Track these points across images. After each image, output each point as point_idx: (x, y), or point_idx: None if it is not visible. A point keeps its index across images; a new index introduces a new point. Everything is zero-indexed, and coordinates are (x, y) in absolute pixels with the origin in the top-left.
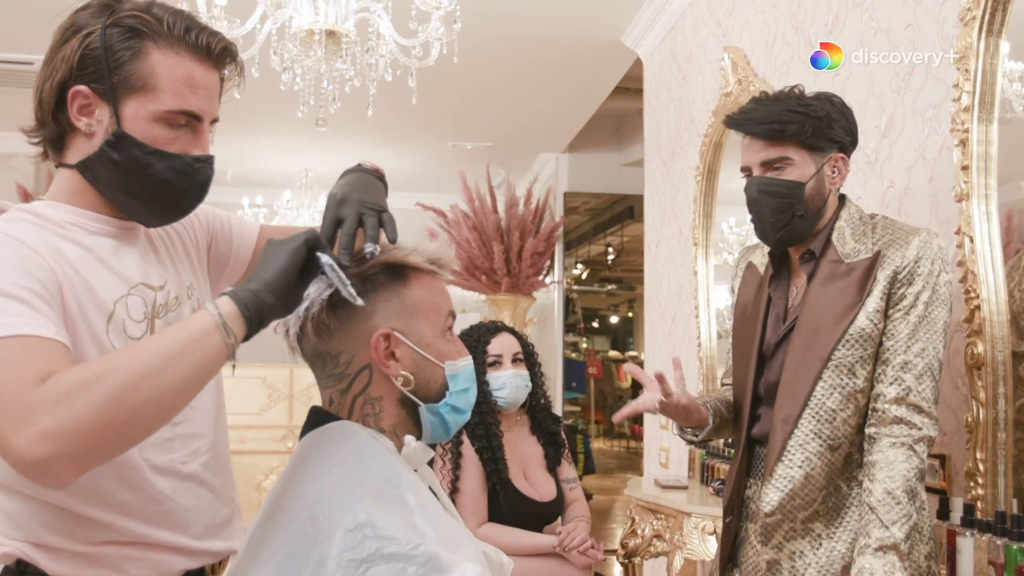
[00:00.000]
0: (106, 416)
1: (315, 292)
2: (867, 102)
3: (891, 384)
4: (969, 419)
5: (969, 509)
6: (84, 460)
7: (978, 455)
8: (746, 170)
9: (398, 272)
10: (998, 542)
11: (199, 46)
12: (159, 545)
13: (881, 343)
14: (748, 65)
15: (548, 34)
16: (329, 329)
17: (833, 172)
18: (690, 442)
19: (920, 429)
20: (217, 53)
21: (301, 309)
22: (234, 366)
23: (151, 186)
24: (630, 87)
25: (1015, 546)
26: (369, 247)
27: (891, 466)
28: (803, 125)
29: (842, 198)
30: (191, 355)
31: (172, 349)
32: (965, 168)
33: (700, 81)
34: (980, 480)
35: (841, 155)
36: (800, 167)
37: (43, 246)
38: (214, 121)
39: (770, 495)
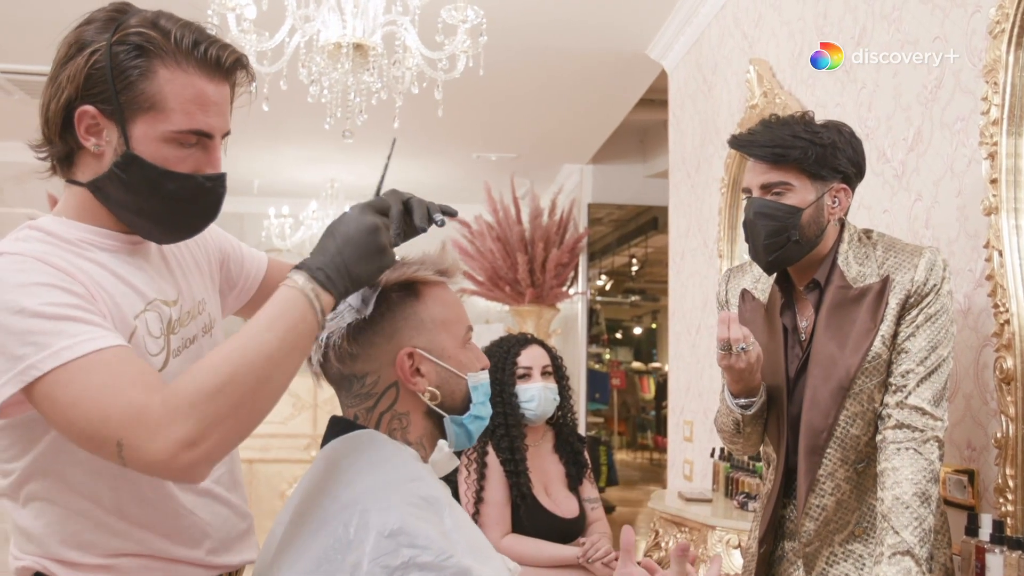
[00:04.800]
0: (234, 421)
1: (333, 323)
2: (894, 114)
3: (894, 392)
4: (999, 434)
5: (999, 526)
6: (219, 457)
7: (1008, 471)
8: (747, 191)
9: (410, 288)
10: None
11: (208, 61)
12: (174, 559)
13: (891, 360)
14: (774, 77)
15: (573, 46)
16: (352, 355)
17: (833, 202)
18: (739, 418)
19: (923, 431)
20: (228, 67)
21: (322, 337)
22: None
23: (162, 206)
24: (655, 99)
25: None
26: (439, 217)
27: (897, 472)
28: (806, 151)
29: (842, 224)
30: (298, 351)
31: (284, 349)
32: (994, 181)
33: (725, 93)
34: (1010, 496)
35: (843, 186)
36: (800, 193)
37: (68, 266)
38: (226, 135)
39: (806, 525)
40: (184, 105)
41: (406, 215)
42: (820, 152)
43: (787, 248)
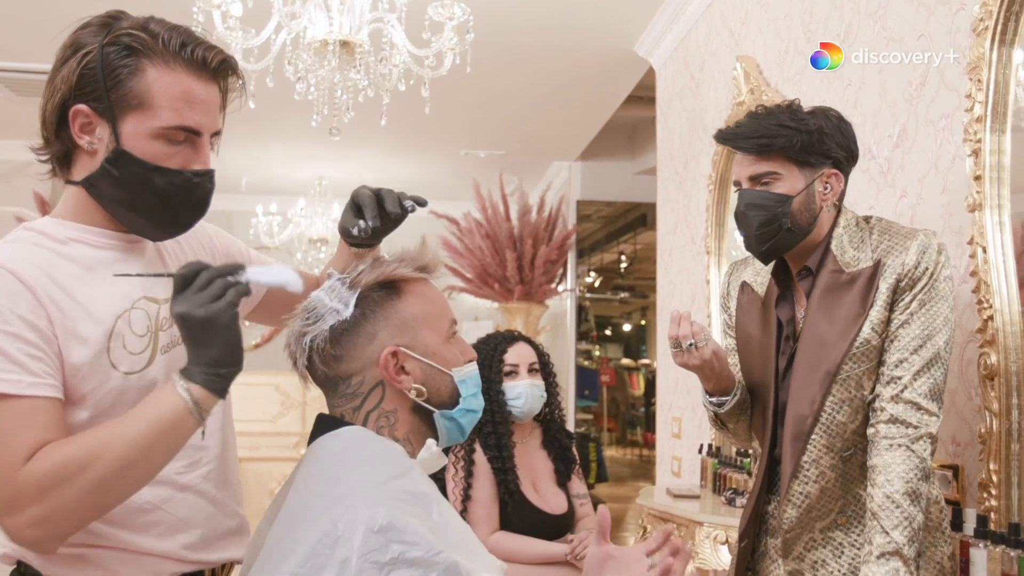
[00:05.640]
0: (89, 503)
1: (315, 327)
2: (880, 112)
3: (888, 383)
4: (982, 430)
5: (982, 520)
6: (68, 535)
7: (991, 466)
8: (737, 184)
9: (391, 287)
10: (1011, 553)
11: (195, 60)
12: (145, 552)
13: (883, 348)
14: (760, 74)
15: (561, 43)
16: (336, 357)
17: (825, 188)
18: (715, 414)
19: (917, 428)
20: (214, 67)
21: (306, 341)
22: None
23: (152, 201)
24: (643, 96)
25: None
26: (408, 203)
27: (889, 469)
28: (791, 139)
29: (839, 210)
30: (168, 441)
31: (150, 439)
32: (978, 178)
33: (712, 90)
34: (993, 491)
35: (834, 171)
36: (788, 181)
37: (35, 273)
38: (216, 134)
39: (788, 512)
40: (171, 102)
41: (378, 203)
42: (806, 139)
43: (779, 237)
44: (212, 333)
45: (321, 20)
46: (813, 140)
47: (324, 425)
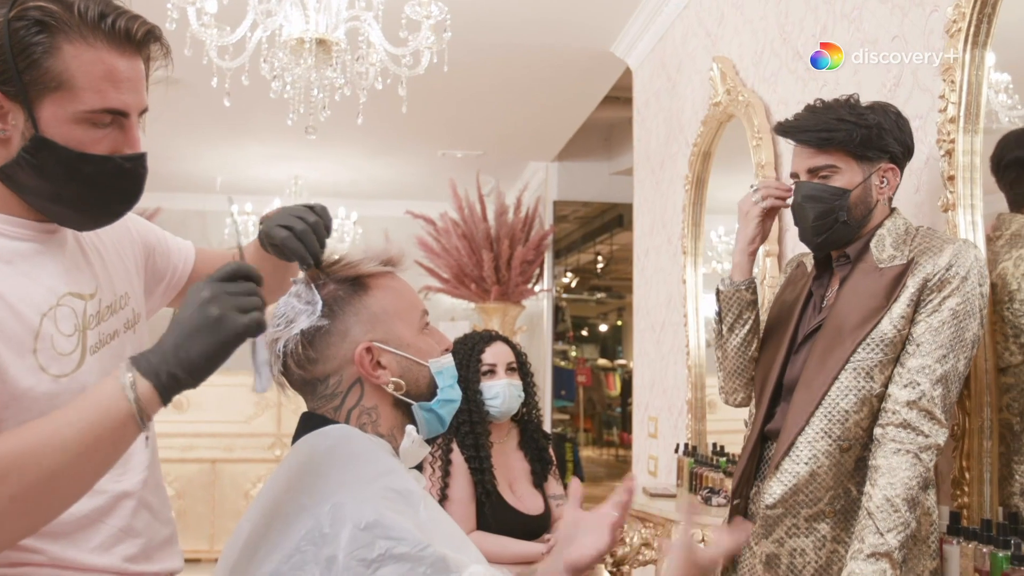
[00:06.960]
0: (10, 514)
1: (286, 331)
2: None
3: (905, 386)
4: (955, 427)
5: (955, 517)
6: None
7: (964, 463)
8: (794, 176)
9: (357, 284)
10: (984, 550)
11: (117, 33)
12: (83, 567)
13: (904, 348)
14: (737, 75)
15: (538, 43)
16: (311, 359)
17: (881, 182)
18: (718, 315)
19: (928, 437)
20: (139, 39)
21: (279, 347)
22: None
23: (80, 191)
24: (620, 96)
25: (1000, 554)
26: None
27: (893, 473)
28: (851, 133)
29: (892, 209)
30: (105, 449)
31: (85, 443)
32: (951, 178)
33: (689, 91)
34: (966, 488)
35: (891, 165)
36: (846, 175)
37: None
38: (143, 112)
39: (773, 488)
40: (94, 83)
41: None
42: (865, 133)
43: (835, 229)
44: (213, 337)
45: (297, 18)
46: (872, 135)
47: (309, 424)
